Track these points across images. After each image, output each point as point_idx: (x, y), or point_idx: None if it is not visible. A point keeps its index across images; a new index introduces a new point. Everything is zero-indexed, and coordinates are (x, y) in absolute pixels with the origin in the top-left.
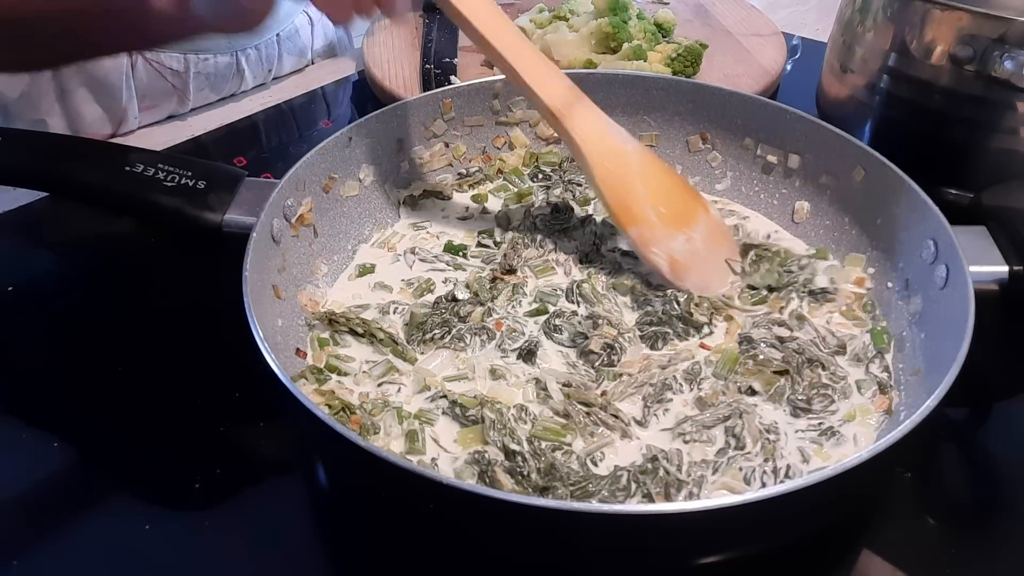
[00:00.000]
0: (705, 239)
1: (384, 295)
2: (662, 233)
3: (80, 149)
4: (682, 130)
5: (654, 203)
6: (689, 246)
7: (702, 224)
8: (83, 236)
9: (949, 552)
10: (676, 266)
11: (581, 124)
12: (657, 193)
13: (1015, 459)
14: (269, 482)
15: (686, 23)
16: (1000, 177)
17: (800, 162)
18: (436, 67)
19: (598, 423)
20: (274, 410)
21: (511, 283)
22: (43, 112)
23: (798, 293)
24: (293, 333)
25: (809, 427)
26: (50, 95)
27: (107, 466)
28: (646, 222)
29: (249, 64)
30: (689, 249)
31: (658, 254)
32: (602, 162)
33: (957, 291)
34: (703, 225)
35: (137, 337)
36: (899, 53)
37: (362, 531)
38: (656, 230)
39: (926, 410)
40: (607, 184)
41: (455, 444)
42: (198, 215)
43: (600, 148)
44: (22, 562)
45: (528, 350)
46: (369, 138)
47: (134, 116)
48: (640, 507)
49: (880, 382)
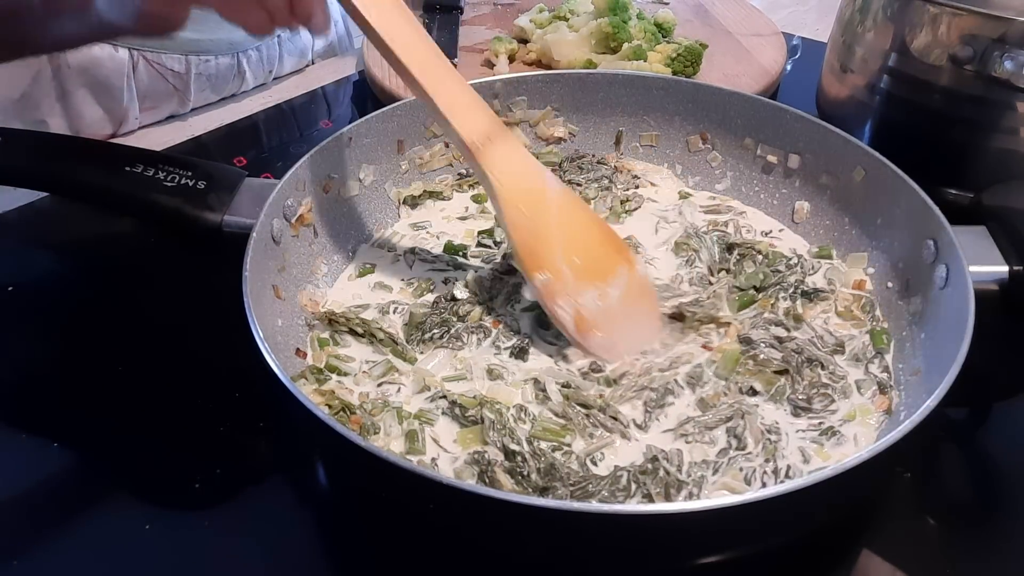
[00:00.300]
0: (623, 298)
1: (384, 295)
2: (572, 286)
3: (80, 149)
4: (682, 130)
5: (568, 252)
6: (602, 303)
7: (622, 280)
8: (83, 236)
9: (949, 552)
10: (582, 323)
11: (499, 161)
12: (574, 242)
13: (1015, 459)
14: (269, 482)
15: (686, 23)
16: (1000, 177)
17: (800, 162)
18: None
19: (597, 425)
20: (274, 410)
21: (510, 283)
22: (43, 112)
23: (788, 294)
24: (293, 333)
25: (810, 427)
26: (51, 96)
27: (107, 466)
28: (555, 271)
29: (250, 65)
30: (601, 306)
31: (563, 308)
32: (515, 203)
33: (957, 291)
34: (623, 281)
35: (137, 337)
36: (899, 53)
37: (362, 531)
38: (565, 281)
39: (926, 410)
40: (516, 226)
41: (455, 444)
42: (198, 215)
43: (516, 188)
44: (22, 562)
45: (520, 348)
46: (369, 138)
47: (135, 117)
48: (640, 507)
49: (880, 382)
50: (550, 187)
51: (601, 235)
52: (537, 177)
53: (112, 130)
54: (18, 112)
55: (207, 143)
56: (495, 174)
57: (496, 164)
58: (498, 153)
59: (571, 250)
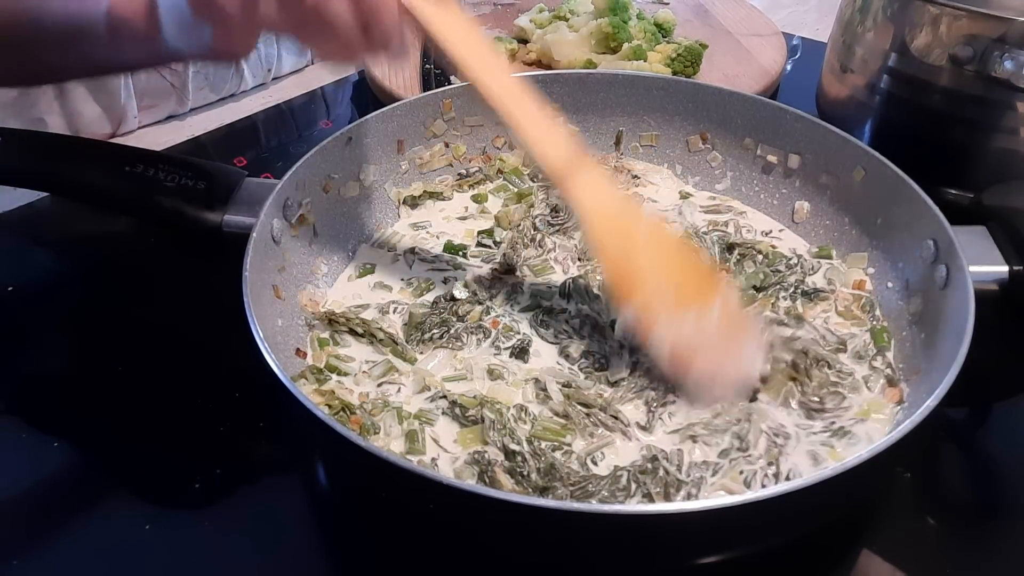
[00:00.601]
0: (719, 326)
1: (384, 295)
2: (667, 315)
3: (80, 149)
4: (682, 130)
5: (660, 280)
6: (699, 333)
7: (716, 311)
8: (83, 236)
9: (949, 552)
10: (679, 357)
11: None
12: (666, 270)
13: (1015, 460)
14: (269, 482)
15: (686, 23)
16: (1000, 177)
17: (800, 162)
18: (436, 67)
19: (598, 424)
20: (274, 410)
21: (510, 282)
22: (41, 111)
23: (789, 293)
24: (293, 333)
25: (823, 428)
26: (48, 94)
27: (107, 466)
28: (647, 299)
29: (248, 64)
30: (698, 337)
31: (659, 338)
32: (604, 228)
33: (957, 291)
34: (718, 313)
35: (137, 337)
36: (899, 53)
37: (362, 531)
38: (659, 310)
39: (926, 410)
40: (607, 252)
41: (455, 444)
42: (198, 215)
43: (603, 213)
44: (22, 562)
45: (521, 348)
46: (369, 138)
47: (133, 115)
48: (640, 507)
49: (888, 376)
50: (636, 213)
51: (693, 264)
52: (622, 203)
53: (111, 129)
54: (16, 110)
55: (207, 143)
56: (583, 200)
57: (582, 190)
58: (582, 180)
59: (663, 278)
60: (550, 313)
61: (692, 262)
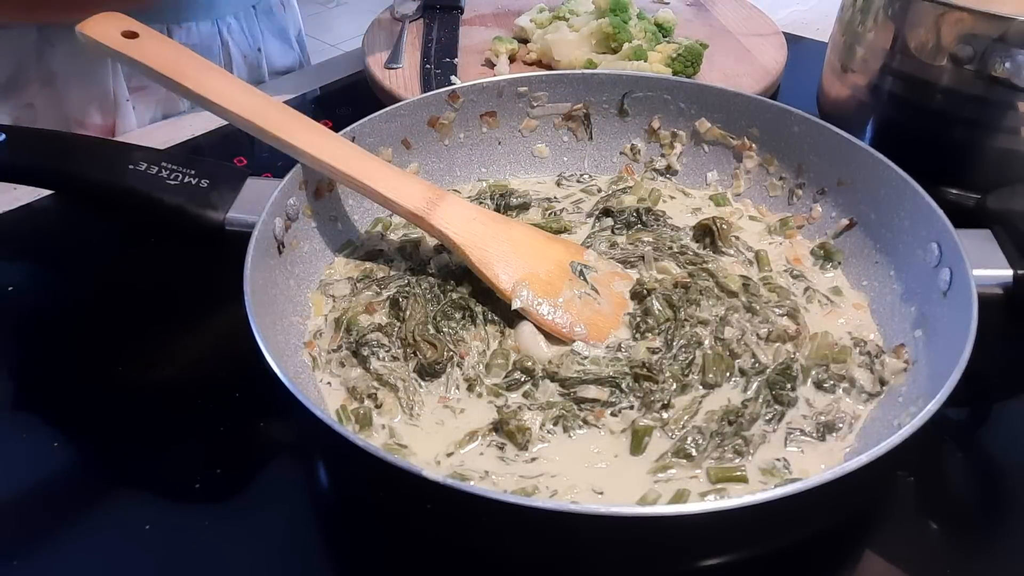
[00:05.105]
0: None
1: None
2: (549, 292)
3: (83, 147)
4: (682, 130)
5: (535, 266)
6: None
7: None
8: (83, 236)
9: (951, 553)
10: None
11: (447, 216)
12: (537, 256)
13: (1017, 463)
14: (269, 482)
15: (686, 23)
16: (1002, 177)
17: (800, 163)
18: (436, 67)
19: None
20: (274, 410)
21: None
22: (30, 96)
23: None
24: (294, 332)
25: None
26: (36, 79)
27: (107, 466)
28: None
29: (233, 36)
30: (578, 301)
31: (547, 315)
32: (475, 245)
33: (961, 295)
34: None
35: (137, 337)
36: (900, 53)
37: (362, 531)
38: (542, 291)
39: (927, 414)
40: (485, 264)
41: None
42: (201, 213)
43: (471, 232)
44: (22, 562)
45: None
46: (369, 138)
47: (125, 99)
48: (640, 508)
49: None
50: (495, 219)
51: (555, 242)
52: (482, 216)
53: (101, 114)
54: (4, 97)
55: (207, 143)
56: (450, 228)
57: (446, 220)
58: (443, 210)
59: (537, 263)
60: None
61: (555, 241)
